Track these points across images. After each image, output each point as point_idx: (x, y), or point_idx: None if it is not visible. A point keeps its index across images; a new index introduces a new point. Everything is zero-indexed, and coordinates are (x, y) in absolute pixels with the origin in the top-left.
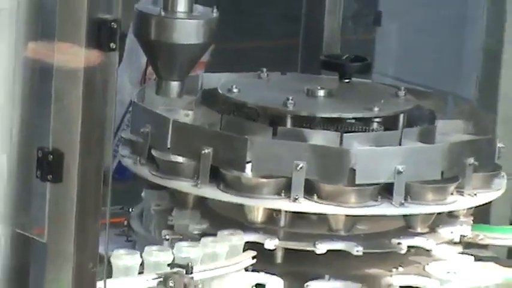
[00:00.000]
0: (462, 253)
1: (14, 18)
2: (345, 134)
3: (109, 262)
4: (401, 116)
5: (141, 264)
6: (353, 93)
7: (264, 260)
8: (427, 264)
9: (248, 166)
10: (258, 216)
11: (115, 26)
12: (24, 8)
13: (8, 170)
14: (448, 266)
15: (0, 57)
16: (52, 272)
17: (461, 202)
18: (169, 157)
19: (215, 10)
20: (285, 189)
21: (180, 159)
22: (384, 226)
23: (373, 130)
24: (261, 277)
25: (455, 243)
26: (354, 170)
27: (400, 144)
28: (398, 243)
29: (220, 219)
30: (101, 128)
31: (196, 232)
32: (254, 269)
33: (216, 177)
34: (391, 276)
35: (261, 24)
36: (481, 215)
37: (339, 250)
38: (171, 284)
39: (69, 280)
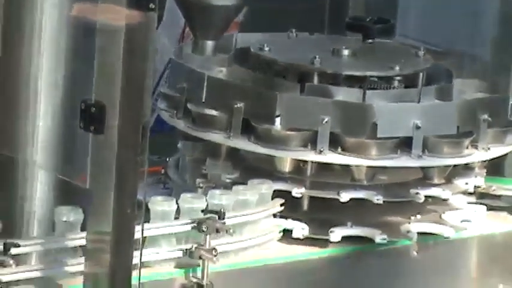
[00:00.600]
0: (476, 203)
1: None
2: (367, 91)
3: (147, 208)
4: (421, 74)
5: (176, 210)
6: (375, 53)
7: (291, 207)
8: (443, 213)
9: (277, 120)
10: (286, 166)
11: None
12: None
13: (53, 121)
14: (463, 214)
15: (47, 17)
16: (93, 216)
17: (475, 155)
18: (204, 111)
19: None
20: (311, 142)
21: (214, 112)
22: (403, 177)
23: (393, 88)
24: (288, 223)
25: (469, 193)
26: (376, 124)
27: (418, 101)
28: (417, 193)
29: (251, 169)
30: (140, 83)
31: (228, 181)
32: (282, 215)
33: (247, 129)
34: (409, 223)
35: None
36: (494, 167)
37: (361, 199)
38: (204, 229)
39: (110, 224)
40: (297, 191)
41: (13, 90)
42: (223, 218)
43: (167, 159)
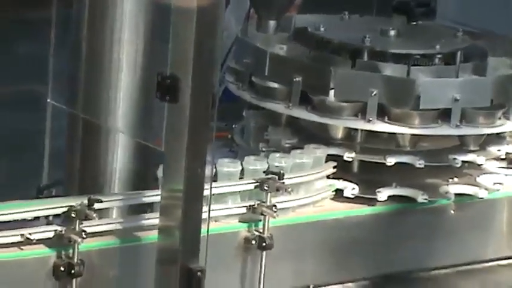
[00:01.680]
0: (507, 168)
1: None
2: (411, 67)
3: (215, 168)
4: (458, 53)
5: (241, 171)
6: (419, 34)
7: (342, 170)
8: (478, 176)
9: (331, 92)
10: (339, 133)
11: None
12: None
13: (132, 92)
14: (495, 178)
15: None
16: (167, 175)
17: (507, 125)
18: (266, 83)
19: None
20: (361, 112)
21: (275, 85)
22: (442, 144)
23: (434, 64)
24: (340, 183)
25: (501, 159)
26: (419, 97)
27: (457, 77)
28: (454, 159)
29: (307, 135)
30: (210, 58)
31: (287, 146)
32: (334, 177)
33: (304, 100)
34: (447, 185)
35: None
36: None
37: (405, 163)
38: (265, 188)
39: (181, 182)
40: (348, 155)
41: (99, 64)
42: (283, 179)
43: (233, 126)
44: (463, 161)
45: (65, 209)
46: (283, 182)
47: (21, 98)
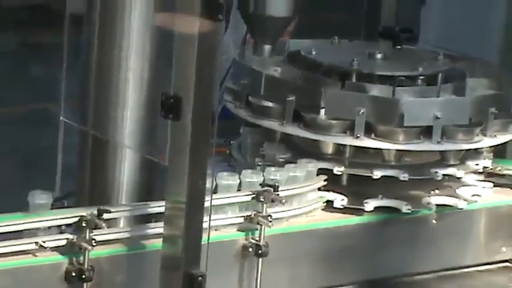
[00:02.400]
0: (484, 181)
1: None
2: (396, 88)
3: (215, 181)
4: (440, 75)
5: (239, 184)
6: (403, 57)
7: (333, 183)
8: (457, 188)
9: (322, 111)
10: (329, 149)
11: (222, 2)
12: None
13: (138, 110)
14: (473, 190)
15: (135, 24)
16: (171, 187)
17: (484, 141)
18: (262, 102)
19: None
20: (350, 129)
21: (270, 104)
22: (424, 159)
23: (417, 85)
24: (330, 195)
25: (479, 173)
26: (403, 115)
27: (438, 96)
28: (436, 172)
29: (300, 150)
30: (210, 79)
31: (281, 160)
32: (325, 189)
33: (297, 118)
34: (429, 197)
35: (336, 1)
36: (500, 151)
37: (390, 176)
38: (261, 199)
39: (184, 194)
40: (337, 169)
41: (107, 85)
42: (277, 191)
43: (231, 142)
44: (443, 174)
45: (76, 219)
46: (278, 194)
47: (35, 116)
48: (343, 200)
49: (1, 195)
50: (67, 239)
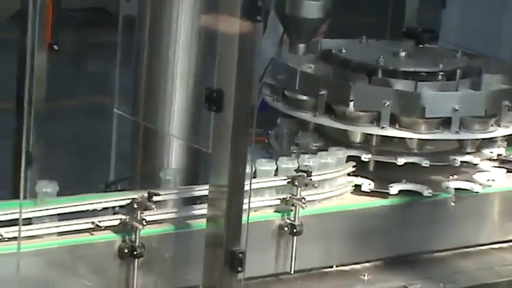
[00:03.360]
0: (499, 167)
1: None
2: (418, 83)
3: (254, 167)
4: (458, 71)
5: (276, 169)
6: (424, 55)
7: (360, 169)
8: (474, 173)
9: (351, 103)
10: (357, 138)
11: (261, 5)
12: None
13: (185, 103)
14: (489, 175)
15: (183, 25)
16: (214, 173)
17: (498, 131)
18: (297, 96)
19: None
20: (376, 120)
21: (304, 97)
22: (444, 147)
23: (438, 80)
24: (359, 180)
25: (494, 159)
26: (424, 107)
27: (456, 90)
28: (454, 159)
29: (331, 139)
30: (249, 75)
31: (314, 148)
32: (354, 174)
33: (328, 110)
34: (448, 181)
35: (364, 4)
36: None
37: (413, 163)
38: (296, 183)
39: (226, 177)
40: (365, 156)
41: (157, 79)
42: (310, 176)
43: (269, 132)
44: (461, 161)
45: (128, 201)
46: (311, 179)
47: (92, 108)
48: (370, 184)
49: (64, 179)
50: (120, 219)
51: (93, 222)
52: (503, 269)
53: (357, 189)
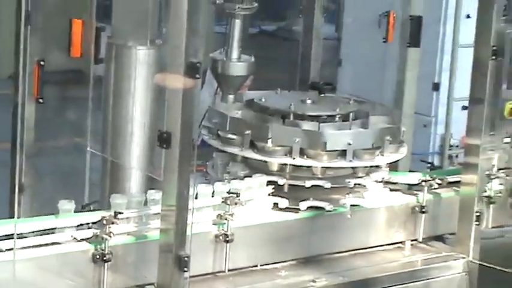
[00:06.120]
0: (383, 187)
1: (148, 57)
2: (321, 123)
3: (196, 190)
4: (351, 114)
5: (213, 192)
6: (326, 102)
7: (277, 190)
8: (364, 192)
9: (269, 140)
10: (275, 167)
11: (199, 65)
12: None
13: (142, 141)
14: (375, 194)
15: (139, 82)
16: (165, 195)
17: (382, 159)
18: (228, 135)
19: (252, 57)
20: (289, 153)
21: (233, 136)
22: (341, 172)
23: (336, 121)
24: (276, 199)
25: (379, 181)
26: (325, 142)
27: (350, 129)
28: (349, 181)
29: (255, 168)
30: (191, 120)
31: (242, 175)
32: (273, 195)
33: (252, 146)
34: (345, 199)
35: (279, 64)
36: (393, 166)
37: (318, 185)
38: (228, 202)
39: (175, 199)
40: (281, 181)
41: (120, 124)
42: (239, 196)
43: (207, 163)
44: (355, 183)
45: (99, 218)
46: (239, 199)
47: (70, 147)
48: (285, 202)
49: (48, 202)
50: (93, 232)
51: (71, 236)
52: (387, 265)
53: (275, 207)
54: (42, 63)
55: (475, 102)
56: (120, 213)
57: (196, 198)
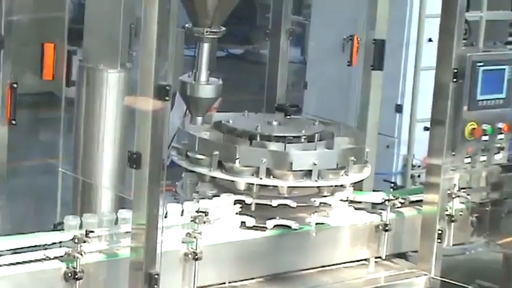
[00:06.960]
0: (348, 206)
1: (118, 80)
2: (287, 144)
3: (165, 209)
4: (316, 135)
5: (182, 211)
6: (292, 123)
7: (245, 209)
8: (330, 211)
9: (237, 161)
10: (242, 186)
11: (169, 88)
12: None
13: (112, 162)
14: (340, 212)
15: (110, 104)
16: (135, 214)
17: (346, 179)
18: (196, 156)
19: (220, 80)
20: (256, 173)
21: (202, 157)
22: (307, 192)
23: (301, 142)
24: (243, 217)
25: (344, 200)
26: (291, 162)
27: (315, 149)
28: (314, 200)
29: (223, 188)
30: (161, 141)
31: (210, 194)
32: (240, 213)
33: (220, 166)
34: (310, 217)
35: (246, 86)
36: (357, 186)
37: (284, 204)
38: (197, 221)
39: (145, 217)
40: (248, 200)
41: (91, 145)
42: (207, 215)
43: (176, 183)
44: (320, 202)
45: (71, 237)
46: (208, 218)
47: (42, 167)
48: (252, 220)
49: (21, 221)
50: (65, 251)
51: (44, 254)
52: (352, 281)
53: (243, 225)
54: (15, 85)
55: (436, 123)
56: (91, 231)
57: (165, 217)
